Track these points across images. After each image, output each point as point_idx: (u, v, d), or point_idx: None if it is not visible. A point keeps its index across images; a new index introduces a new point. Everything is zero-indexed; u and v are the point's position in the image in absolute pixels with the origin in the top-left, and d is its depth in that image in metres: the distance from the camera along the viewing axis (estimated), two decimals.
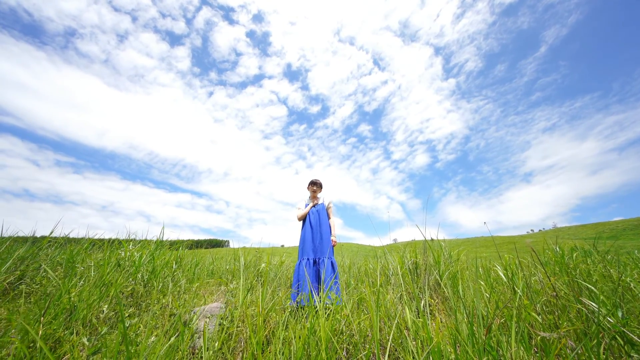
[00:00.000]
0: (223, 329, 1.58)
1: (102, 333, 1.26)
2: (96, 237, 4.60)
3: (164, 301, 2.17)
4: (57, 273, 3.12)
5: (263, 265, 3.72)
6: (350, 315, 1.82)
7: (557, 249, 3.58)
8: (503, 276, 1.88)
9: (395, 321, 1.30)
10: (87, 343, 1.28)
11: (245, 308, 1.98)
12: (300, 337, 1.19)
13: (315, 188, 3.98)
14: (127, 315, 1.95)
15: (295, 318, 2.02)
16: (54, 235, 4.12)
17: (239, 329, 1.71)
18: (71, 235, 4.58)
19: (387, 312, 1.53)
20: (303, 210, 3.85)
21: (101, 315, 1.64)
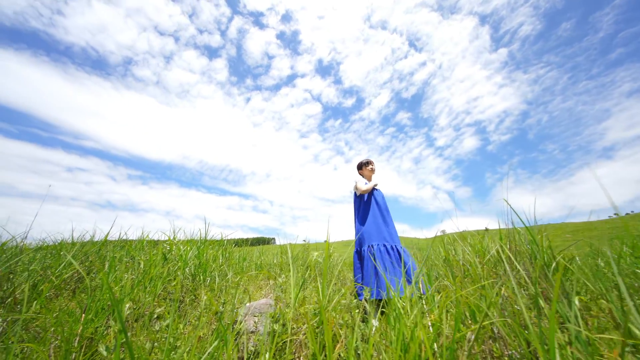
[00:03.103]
0: (274, 334, 1.20)
1: (114, 347, 0.98)
2: (149, 237, 4.79)
3: (205, 298, 1.89)
4: (120, 268, 3.18)
5: (316, 253, 3.30)
6: (442, 318, 1.30)
7: None
8: None
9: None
10: (104, 353, 1.01)
11: (297, 307, 1.60)
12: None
13: (373, 167, 3.36)
14: (157, 315, 1.70)
15: (364, 321, 1.56)
16: (117, 238, 4.41)
17: (293, 332, 1.31)
18: (128, 237, 4.86)
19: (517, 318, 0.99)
20: (369, 184, 3.14)
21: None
